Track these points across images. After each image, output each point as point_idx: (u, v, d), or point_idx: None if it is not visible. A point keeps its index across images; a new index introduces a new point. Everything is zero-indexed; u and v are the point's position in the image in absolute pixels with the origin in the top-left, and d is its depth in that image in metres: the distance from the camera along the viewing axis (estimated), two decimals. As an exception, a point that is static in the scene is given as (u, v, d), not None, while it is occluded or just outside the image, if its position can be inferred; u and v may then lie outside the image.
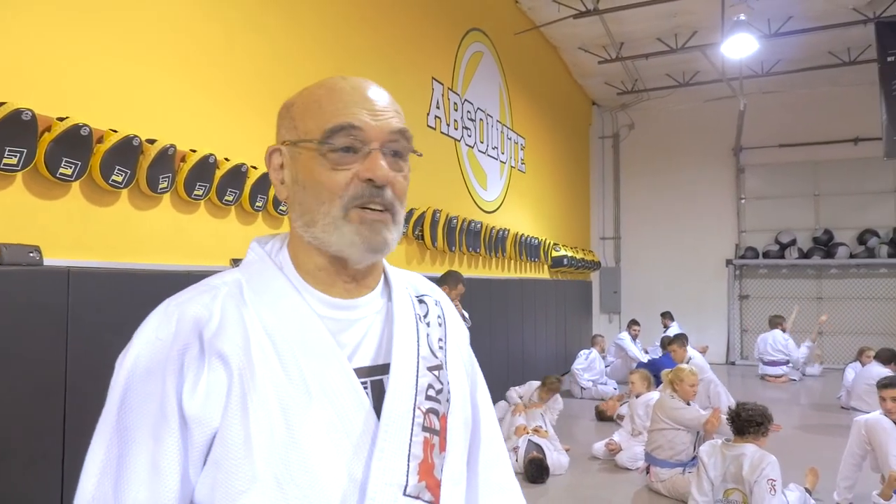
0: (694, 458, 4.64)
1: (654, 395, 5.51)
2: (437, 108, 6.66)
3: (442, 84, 6.78)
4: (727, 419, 4.07)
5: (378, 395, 0.87)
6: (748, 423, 3.90)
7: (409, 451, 0.85)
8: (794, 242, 11.87)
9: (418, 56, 6.30)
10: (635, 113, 13.09)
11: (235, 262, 3.76)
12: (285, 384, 0.82)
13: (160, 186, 3.26)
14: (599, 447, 5.56)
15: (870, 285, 11.53)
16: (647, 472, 4.76)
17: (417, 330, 0.95)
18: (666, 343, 7.84)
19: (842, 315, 11.43)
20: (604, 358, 9.21)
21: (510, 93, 8.80)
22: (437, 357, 0.95)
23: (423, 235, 6.06)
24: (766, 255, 12.04)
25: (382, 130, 0.88)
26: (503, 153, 8.52)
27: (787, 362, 9.97)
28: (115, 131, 3.03)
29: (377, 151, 0.87)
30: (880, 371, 6.69)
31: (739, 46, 8.53)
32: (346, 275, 0.91)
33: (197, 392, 0.80)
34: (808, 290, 11.94)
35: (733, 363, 12.03)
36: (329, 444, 0.81)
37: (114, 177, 3.02)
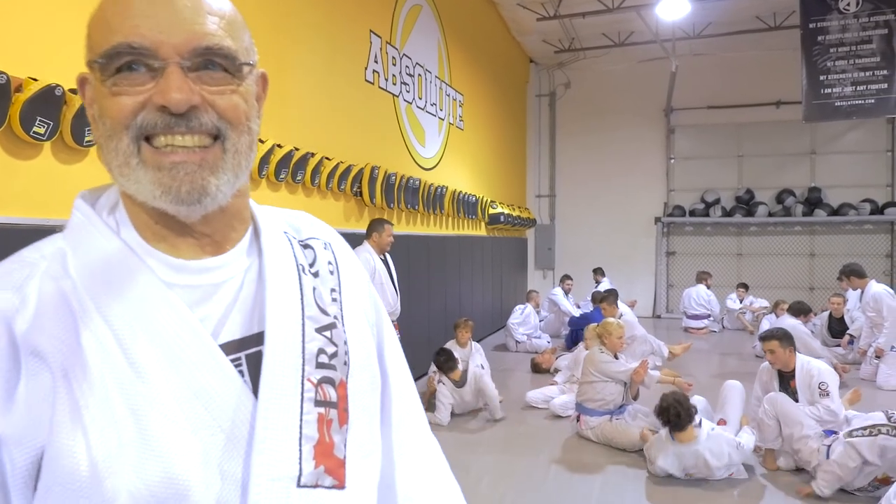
0: (622, 406, 4.89)
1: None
2: (376, 62, 6.54)
3: (380, 37, 6.65)
4: (661, 420, 4.00)
5: (256, 371, 0.70)
6: (688, 415, 3.88)
7: (301, 433, 0.69)
8: (718, 201, 12.39)
9: (356, 7, 6.15)
10: (572, 72, 13.21)
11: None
12: (132, 379, 0.65)
13: (86, 139, 3.12)
14: (534, 396, 5.79)
15: (786, 242, 12.22)
16: (578, 421, 4.99)
17: (301, 284, 0.77)
18: (598, 299, 8.13)
19: (760, 270, 12.12)
20: (538, 313, 9.48)
21: (449, 48, 8.72)
22: (328, 314, 0.78)
23: (361, 192, 6.02)
24: (692, 213, 12.53)
25: (181, 40, 0.66)
26: (441, 110, 8.48)
27: (708, 316, 10.54)
28: (36, 80, 2.87)
29: (173, 66, 0.66)
30: (792, 323, 7.17)
31: (673, 8, 8.70)
32: (192, 230, 0.73)
33: (14, 404, 0.62)
34: (729, 247, 12.56)
35: (659, 316, 12.60)
36: (196, 443, 0.65)
37: (35, 128, 2.87)
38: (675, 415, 3.87)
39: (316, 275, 0.80)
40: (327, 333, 0.77)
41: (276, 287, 0.75)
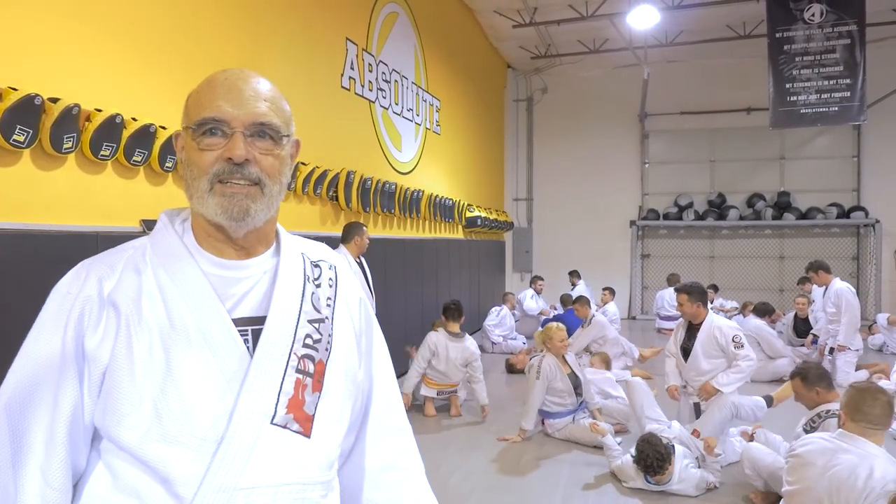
0: (581, 403, 5.01)
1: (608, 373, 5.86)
2: (352, 68, 6.66)
3: (356, 45, 6.77)
4: (640, 466, 3.89)
5: (257, 342, 1.01)
6: (664, 462, 3.81)
7: (281, 387, 0.99)
8: (691, 205, 12.66)
9: (332, 16, 6.27)
10: (549, 77, 13.42)
11: (145, 223, 3.76)
12: (168, 328, 0.98)
13: (65, 146, 3.21)
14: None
15: (756, 245, 12.53)
16: (543, 424, 5.11)
17: (304, 288, 1.09)
18: (570, 301, 8.31)
19: (732, 272, 12.41)
20: (514, 314, 9.64)
21: (426, 54, 8.86)
22: (320, 312, 1.09)
23: (337, 196, 6.14)
24: (665, 216, 12.78)
25: (245, 116, 1.01)
26: (418, 115, 8.61)
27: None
28: (15, 89, 2.96)
29: (238, 134, 1.01)
30: (757, 323, 7.41)
31: (643, 17, 8.92)
32: (233, 242, 1.06)
33: (96, 335, 0.98)
34: (702, 250, 12.84)
35: (634, 318, 12.82)
36: (203, 379, 0.97)
37: (15, 136, 2.96)
38: (655, 460, 3.82)
39: (318, 286, 1.12)
40: (316, 325, 1.07)
41: (283, 285, 1.07)
